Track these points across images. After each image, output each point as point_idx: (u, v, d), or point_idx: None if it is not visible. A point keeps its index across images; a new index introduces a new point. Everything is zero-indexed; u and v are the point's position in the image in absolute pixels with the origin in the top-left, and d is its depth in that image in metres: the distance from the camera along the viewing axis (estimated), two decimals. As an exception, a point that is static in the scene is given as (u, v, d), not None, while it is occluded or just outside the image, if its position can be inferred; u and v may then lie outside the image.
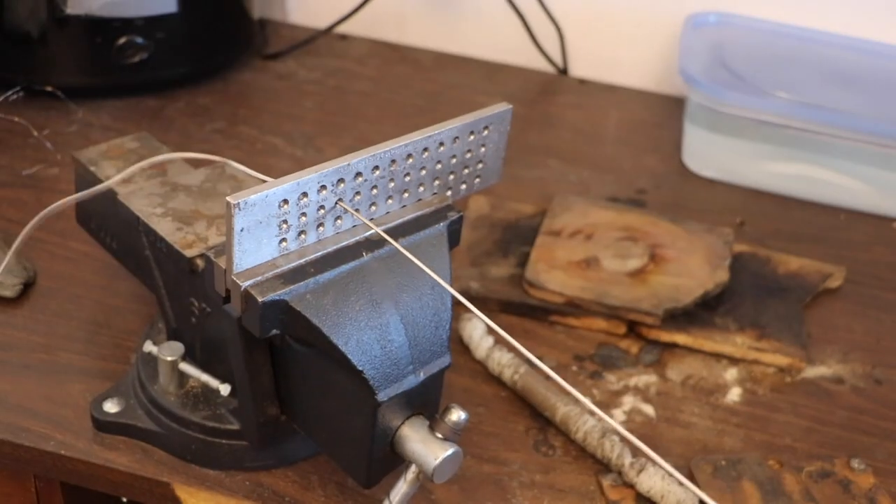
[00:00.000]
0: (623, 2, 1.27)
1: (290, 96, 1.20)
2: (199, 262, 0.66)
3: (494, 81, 1.28)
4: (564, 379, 0.66)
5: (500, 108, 0.67)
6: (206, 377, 0.71)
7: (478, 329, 0.82)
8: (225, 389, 0.70)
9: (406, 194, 0.65)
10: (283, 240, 0.59)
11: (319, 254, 0.60)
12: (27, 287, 0.85)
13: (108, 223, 0.77)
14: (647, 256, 0.92)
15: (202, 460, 0.71)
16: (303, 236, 0.60)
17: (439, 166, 0.66)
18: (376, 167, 0.61)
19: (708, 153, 1.13)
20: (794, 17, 1.21)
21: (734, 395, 0.82)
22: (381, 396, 0.59)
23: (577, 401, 0.73)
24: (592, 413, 0.76)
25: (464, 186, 0.69)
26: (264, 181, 0.59)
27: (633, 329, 0.87)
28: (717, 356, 0.86)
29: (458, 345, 0.83)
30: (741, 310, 0.89)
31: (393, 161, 0.62)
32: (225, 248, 0.58)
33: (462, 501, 0.71)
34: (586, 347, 0.85)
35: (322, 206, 0.59)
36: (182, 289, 0.70)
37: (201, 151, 1.03)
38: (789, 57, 1.17)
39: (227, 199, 0.55)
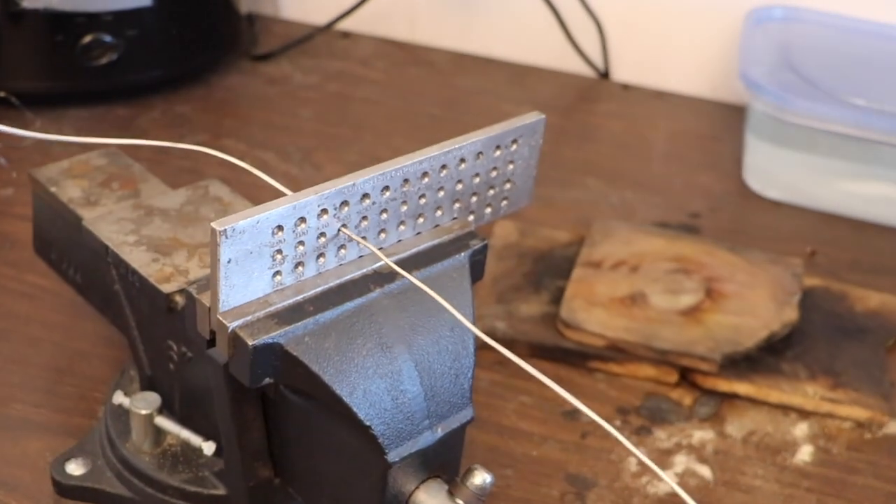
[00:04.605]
0: (672, -6, 1.28)
1: (284, 104, 1.21)
2: (179, 299, 0.66)
3: (523, 87, 1.29)
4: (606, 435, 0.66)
5: (531, 119, 0.68)
6: (186, 433, 0.71)
7: None
8: (209, 448, 0.70)
9: (421, 219, 0.65)
10: (278, 273, 0.59)
11: (320, 289, 0.61)
12: (-23, 327, 0.86)
13: (72, 253, 0.78)
14: (703, 292, 0.92)
15: (181, 531, 0.71)
16: (300, 269, 0.60)
17: (460, 187, 0.66)
18: (386, 188, 0.61)
19: (773, 170, 1.13)
20: (873, 11, 1.21)
21: (805, 454, 0.82)
22: (392, 456, 0.59)
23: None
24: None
25: (489, 210, 0.69)
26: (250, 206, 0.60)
27: (687, 377, 0.87)
28: (785, 408, 0.86)
29: (481, 395, 0.83)
30: (813, 354, 0.89)
31: (406, 180, 0.62)
32: (209, 283, 0.58)
33: (486, 580, 0.71)
34: (631, 399, 0.85)
35: (323, 234, 0.60)
36: (158, 330, 0.70)
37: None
38: (867, 58, 1.17)
39: (212, 224, 0.55)
